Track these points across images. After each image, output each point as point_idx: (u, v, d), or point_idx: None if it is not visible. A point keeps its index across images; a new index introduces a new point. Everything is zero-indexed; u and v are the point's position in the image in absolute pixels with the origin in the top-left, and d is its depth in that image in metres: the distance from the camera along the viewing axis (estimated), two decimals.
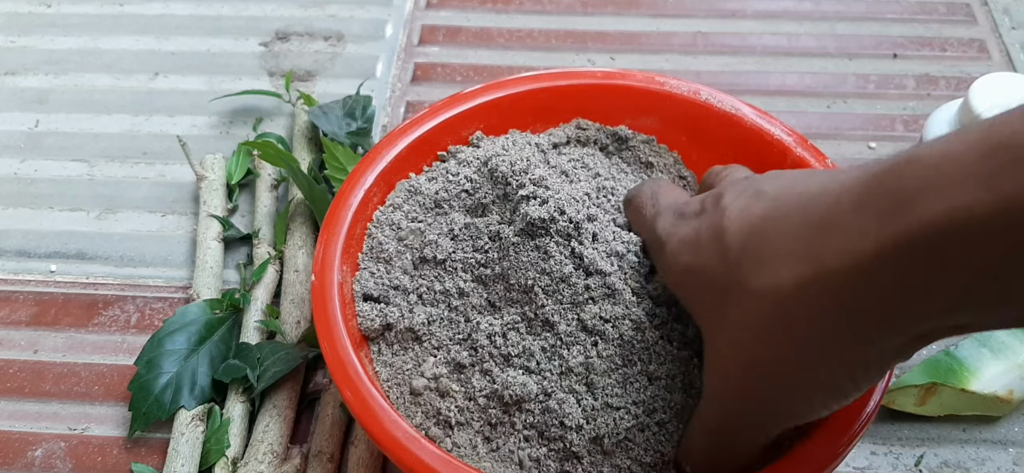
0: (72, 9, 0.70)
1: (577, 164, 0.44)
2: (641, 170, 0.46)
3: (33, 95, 0.64)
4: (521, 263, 0.38)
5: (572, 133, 0.47)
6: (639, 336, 0.37)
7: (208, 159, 0.57)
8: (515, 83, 0.48)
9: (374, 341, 0.40)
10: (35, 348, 0.50)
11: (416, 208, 0.43)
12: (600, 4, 0.70)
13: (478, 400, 0.37)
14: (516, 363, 0.37)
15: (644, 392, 0.36)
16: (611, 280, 0.37)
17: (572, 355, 0.37)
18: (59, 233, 0.56)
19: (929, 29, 0.68)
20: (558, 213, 0.38)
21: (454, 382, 0.38)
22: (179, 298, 0.52)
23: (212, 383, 0.46)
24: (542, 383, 0.37)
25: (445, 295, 0.40)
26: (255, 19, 0.69)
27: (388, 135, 0.46)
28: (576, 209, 0.38)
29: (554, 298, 0.37)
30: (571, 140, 0.47)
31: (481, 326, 0.38)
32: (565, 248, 0.38)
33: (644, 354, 0.37)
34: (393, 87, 0.64)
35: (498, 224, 0.40)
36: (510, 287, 0.38)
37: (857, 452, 0.45)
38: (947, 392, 0.45)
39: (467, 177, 0.43)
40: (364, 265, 0.42)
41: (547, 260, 0.37)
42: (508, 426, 0.37)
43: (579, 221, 0.38)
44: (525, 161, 0.41)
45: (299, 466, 0.43)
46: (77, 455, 0.45)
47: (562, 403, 0.36)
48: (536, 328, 0.37)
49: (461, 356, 0.38)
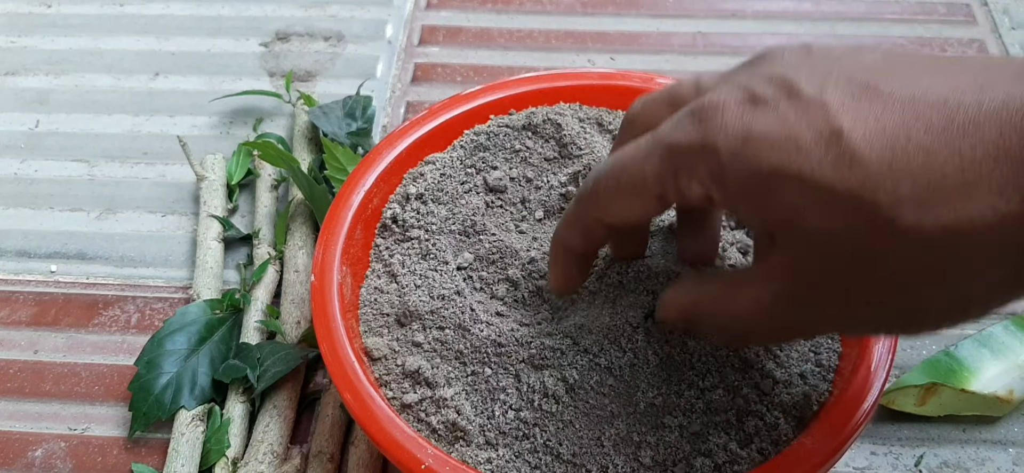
0: (72, 9, 0.70)
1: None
2: None
3: (33, 95, 0.64)
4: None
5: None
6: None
7: (208, 159, 0.57)
8: (515, 84, 0.48)
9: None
10: (35, 348, 0.50)
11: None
12: (600, 4, 0.70)
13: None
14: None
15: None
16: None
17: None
18: (59, 233, 0.56)
19: (929, 29, 0.68)
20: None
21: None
22: (179, 298, 0.52)
23: (212, 383, 0.46)
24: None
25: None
26: (255, 19, 0.69)
27: (388, 136, 0.46)
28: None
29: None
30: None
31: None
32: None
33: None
34: (393, 87, 0.64)
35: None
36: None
37: (857, 452, 0.45)
38: (947, 392, 0.45)
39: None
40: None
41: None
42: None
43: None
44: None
45: (299, 466, 0.43)
46: (77, 455, 0.46)
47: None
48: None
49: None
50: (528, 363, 0.38)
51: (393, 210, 0.44)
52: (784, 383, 0.38)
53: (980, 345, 0.47)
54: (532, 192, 0.44)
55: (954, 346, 0.47)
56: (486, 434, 0.37)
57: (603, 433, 0.36)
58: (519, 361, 0.38)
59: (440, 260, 0.42)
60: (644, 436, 0.36)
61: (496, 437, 0.37)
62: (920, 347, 0.49)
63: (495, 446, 0.37)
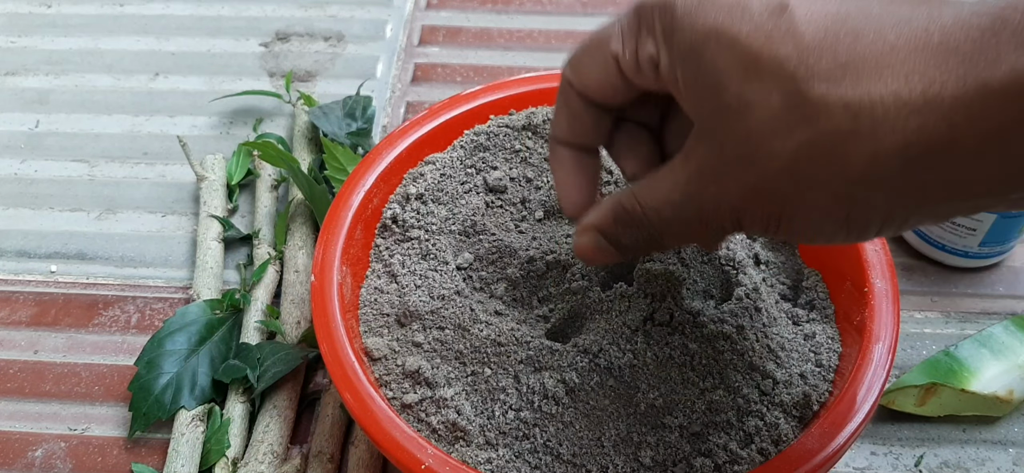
0: (72, 9, 0.70)
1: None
2: None
3: (33, 95, 0.64)
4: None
5: None
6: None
7: (208, 159, 0.57)
8: (515, 84, 0.48)
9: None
10: (35, 348, 0.50)
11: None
12: (600, 4, 0.70)
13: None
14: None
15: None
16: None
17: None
18: (59, 233, 0.56)
19: None
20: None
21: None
22: (179, 298, 0.52)
23: (212, 383, 0.46)
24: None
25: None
26: (255, 19, 0.69)
27: (388, 136, 0.46)
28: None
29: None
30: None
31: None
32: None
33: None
34: (393, 87, 0.64)
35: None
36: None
37: (857, 452, 0.45)
38: (947, 392, 0.45)
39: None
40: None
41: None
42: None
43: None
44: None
45: (299, 466, 0.43)
46: (77, 455, 0.46)
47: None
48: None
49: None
50: (528, 363, 0.38)
51: (393, 210, 0.44)
52: (784, 383, 0.38)
53: (980, 345, 0.47)
54: (532, 192, 0.44)
55: (954, 346, 0.47)
56: (486, 434, 0.37)
57: (603, 433, 0.36)
58: (518, 361, 0.38)
59: (440, 260, 0.42)
60: (644, 436, 0.36)
61: (496, 437, 0.37)
62: (920, 347, 0.49)
63: (495, 446, 0.37)
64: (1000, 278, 0.52)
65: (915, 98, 0.24)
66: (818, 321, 0.41)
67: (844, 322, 0.40)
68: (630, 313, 0.38)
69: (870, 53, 0.25)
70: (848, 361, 0.39)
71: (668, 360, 0.37)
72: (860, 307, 0.39)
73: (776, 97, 0.26)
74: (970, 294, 0.52)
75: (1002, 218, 0.48)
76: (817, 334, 0.40)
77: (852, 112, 0.25)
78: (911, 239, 0.53)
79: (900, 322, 0.42)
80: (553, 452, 0.36)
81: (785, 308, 0.41)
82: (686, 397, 0.37)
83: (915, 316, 0.51)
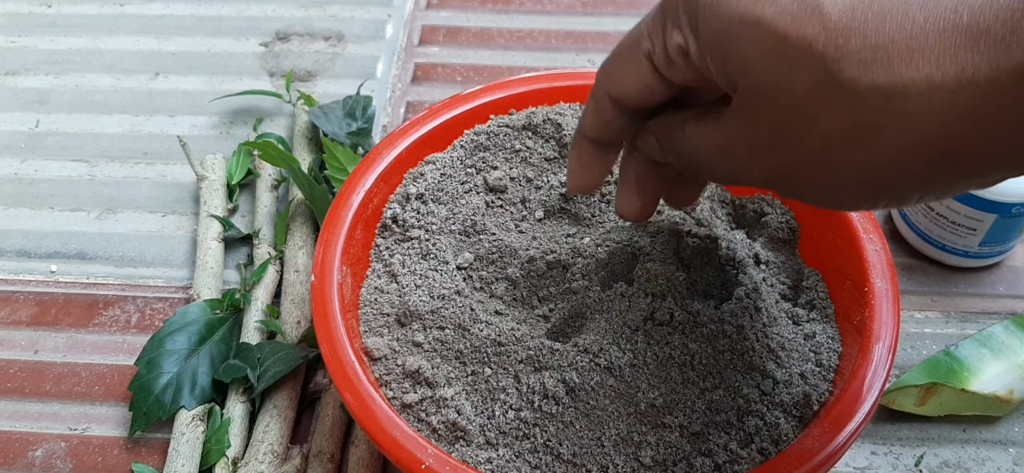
0: (72, 9, 0.70)
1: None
2: None
3: (33, 95, 0.64)
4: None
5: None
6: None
7: (208, 159, 0.57)
8: (515, 84, 0.48)
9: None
10: (35, 348, 0.50)
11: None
12: (600, 4, 0.70)
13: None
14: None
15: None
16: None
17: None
18: (59, 233, 0.56)
19: None
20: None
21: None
22: (179, 298, 0.52)
23: (212, 383, 0.46)
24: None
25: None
26: (255, 19, 0.69)
27: (388, 136, 0.46)
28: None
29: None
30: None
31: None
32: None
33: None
34: (393, 87, 0.64)
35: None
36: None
37: (857, 452, 0.45)
38: (947, 392, 0.45)
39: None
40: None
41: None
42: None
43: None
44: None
45: (299, 466, 0.43)
46: (77, 455, 0.46)
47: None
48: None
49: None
50: (528, 363, 0.38)
51: (393, 210, 0.44)
52: (784, 383, 0.38)
53: (980, 345, 0.47)
54: (532, 192, 0.44)
55: (954, 346, 0.47)
56: (486, 434, 0.37)
57: (603, 433, 0.36)
58: (519, 361, 0.38)
59: (440, 260, 0.42)
60: (644, 436, 0.36)
61: (496, 437, 0.37)
62: (920, 347, 0.49)
63: (495, 446, 0.37)
64: (1000, 278, 0.52)
65: (948, 82, 0.24)
66: (818, 321, 0.41)
67: (844, 322, 0.40)
68: (630, 313, 0.38)
69: (899, 35, 0.25)
70: (848, 361, 0.39)
71: (668, 360, 0.37)
72: (860, 307, 0.39)
73: (806, 79, 0.26)
74: (970, 294, 0.52)
75: (1002, 218, 0.48)
76: (817, 334, 0.40)
77: (884, 96, 0.25)
78: (911, 239, 0.53)
79: (900, 322, 0.42)
80: (553, 452, 0.36)
81: (785, 308, 0.41)
82: (686, 397, 0.37)
83: (915, 316, 0.51)
